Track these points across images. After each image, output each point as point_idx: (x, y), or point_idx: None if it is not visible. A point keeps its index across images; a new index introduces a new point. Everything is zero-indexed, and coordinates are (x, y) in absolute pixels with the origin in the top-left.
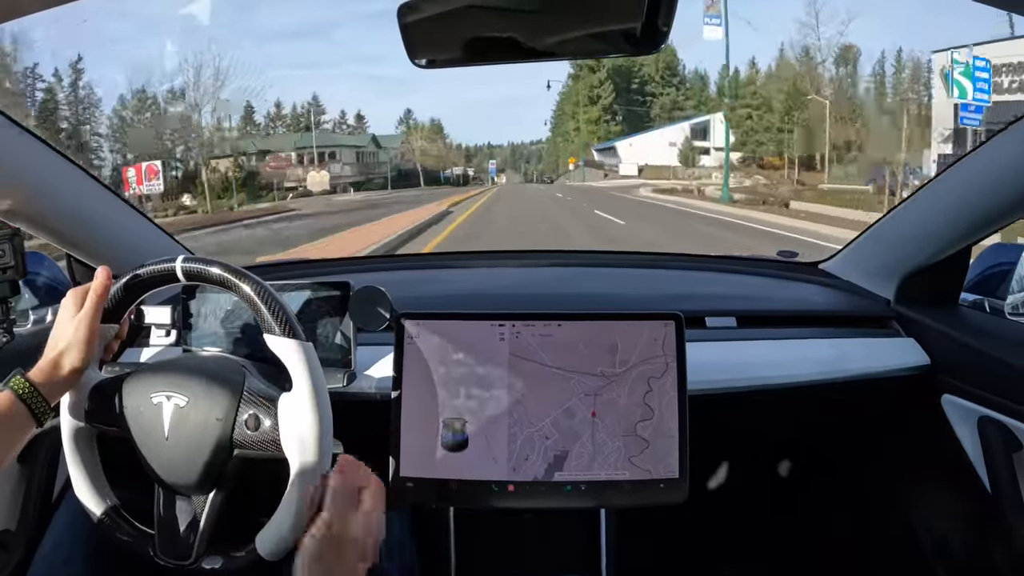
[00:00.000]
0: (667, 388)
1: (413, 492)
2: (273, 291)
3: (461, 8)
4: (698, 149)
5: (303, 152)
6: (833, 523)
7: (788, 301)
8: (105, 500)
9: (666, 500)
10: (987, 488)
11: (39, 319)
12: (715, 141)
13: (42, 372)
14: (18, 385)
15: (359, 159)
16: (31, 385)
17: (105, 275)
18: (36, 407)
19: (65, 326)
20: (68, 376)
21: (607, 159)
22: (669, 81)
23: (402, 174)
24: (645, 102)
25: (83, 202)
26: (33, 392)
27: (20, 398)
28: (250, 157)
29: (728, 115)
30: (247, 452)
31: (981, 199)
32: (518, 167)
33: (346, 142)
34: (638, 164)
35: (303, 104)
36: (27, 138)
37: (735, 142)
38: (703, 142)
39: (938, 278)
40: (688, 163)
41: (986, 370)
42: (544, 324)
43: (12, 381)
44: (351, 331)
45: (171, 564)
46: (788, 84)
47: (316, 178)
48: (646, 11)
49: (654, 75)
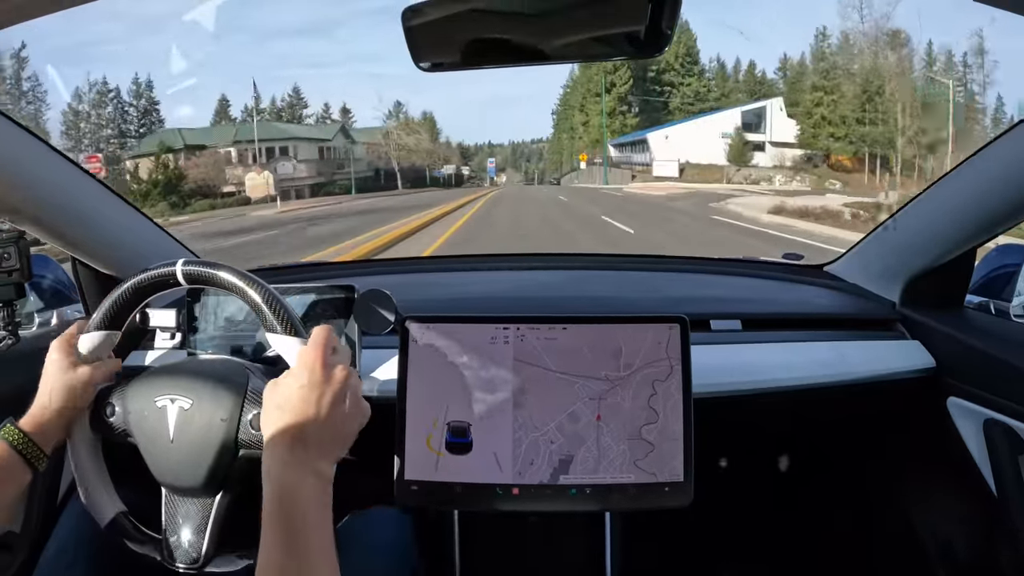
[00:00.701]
0: (672, 391)
1: (417, 495)
2: (277, 293)
3: (465, 12)
4: (751, 144)
5: (245, 148)
6: (838, 525)
7: (793, 304)
8: (113, 506)
9: (671, 503)
10: (993, 491)
11: (44, 322)
12: (773, 133)
13: (34, 419)
14: (10, 434)
15: (323, 156)
16: (23, 434)
17: (76, 328)
18: (30, 455)
19: (53, 374)
20: (60, 423)
21: (633, 156)
22: (690, 70)
23: (380, 174)
24: (663, 92)
25: (87, 204)
26: (26, 441)
27: (14, 447)
28: (178, 155)
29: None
30: (252, 452)
31: (986, 201)
32: (519, 166)
33: (303, 134)
34: (679, 162)
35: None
36: (31, 140)
37: (801, 135)
38: (756, 134)
39: (943, 280)
40: (739, 160)
41: (992, 372)
42: (549, 327)
43: (4, 430)
44: (356, 334)
45: (180, 568)
46: (871, 64)
47: (255, 181)
48: (650, 14)
49: (673, 63)
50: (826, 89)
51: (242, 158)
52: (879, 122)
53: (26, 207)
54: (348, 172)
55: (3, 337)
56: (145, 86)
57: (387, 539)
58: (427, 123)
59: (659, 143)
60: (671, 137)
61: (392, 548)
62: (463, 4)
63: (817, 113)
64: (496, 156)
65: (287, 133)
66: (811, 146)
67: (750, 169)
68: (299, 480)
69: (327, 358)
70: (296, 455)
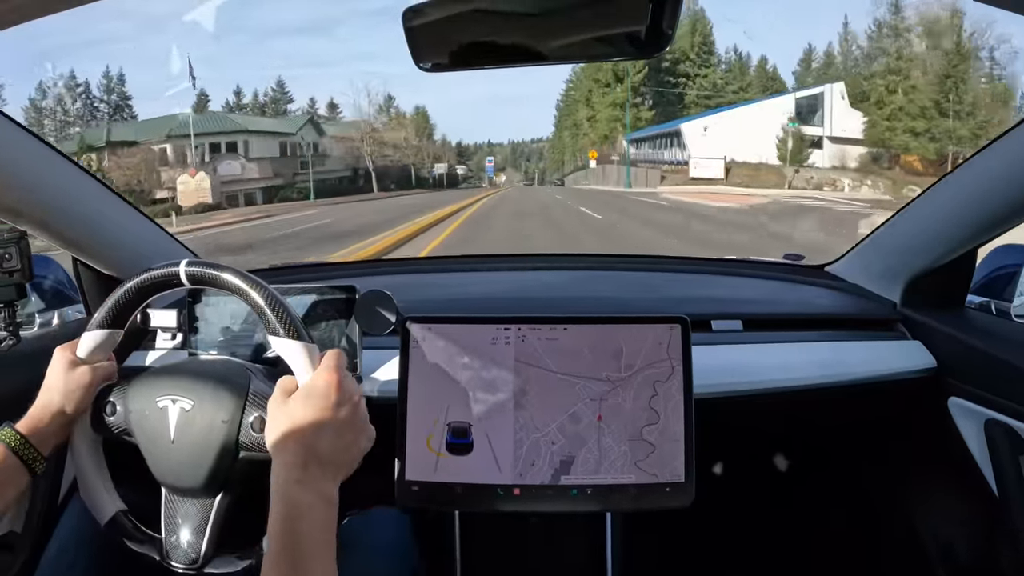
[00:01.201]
0: (673, 392)
1: (418, 495)
2: (278, 295)
3: (466, 12)
4: (807, 140)
5: (182, 144)
6: (839, 525)
7: (794, 304)
8: (113, 505)
9: (672, 504)
10: (994, 491)
11: (45, 322)
12: (832, 127)
13: (33, 421)
14: (8, 437)
15: (286, 153)
16: (21, 437)
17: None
18: (28, 458)
19: (55, 378)
20: (59, 427)
21: (659, 152)
22: (706, 60)
23: (358, 174)
24: (678, 84)
25: (88, 205)
26: (24, 443)
27: (12, 450)
28: (101, 154)
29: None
30: (253, 454)
31: (988, 201)
32: (519, 165)
33: (259, 127)
34: (724, 160)
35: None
36: (32, 141)
37: (870, 130)
38: (812, 127)
39: (944, 280)
40: (795, 159)
41: (993, 372)
42: (550, 328)
43: (2, 433)
44: (357, 335)
45: (178, 568)
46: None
47: (187, 185)
48: (650, 15)
49: (688, 52)
50: (901, 73)
51: (179, 156)
52: (964, 116)
53: (28, 208)
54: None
55: (4, 338)
56: (117, 80)
57: (388, 540)
58: (419, 118)
59: (695, 136)
60: (711, 129)
61: (393, 549)
62: (464, 5)
63: (892, 103)
64: (496, 155)
65: (239, 126)
66: (884, 143)
67: (811, 171)
68: (310, 501)
69: (343, 383)
70: (309, 474)
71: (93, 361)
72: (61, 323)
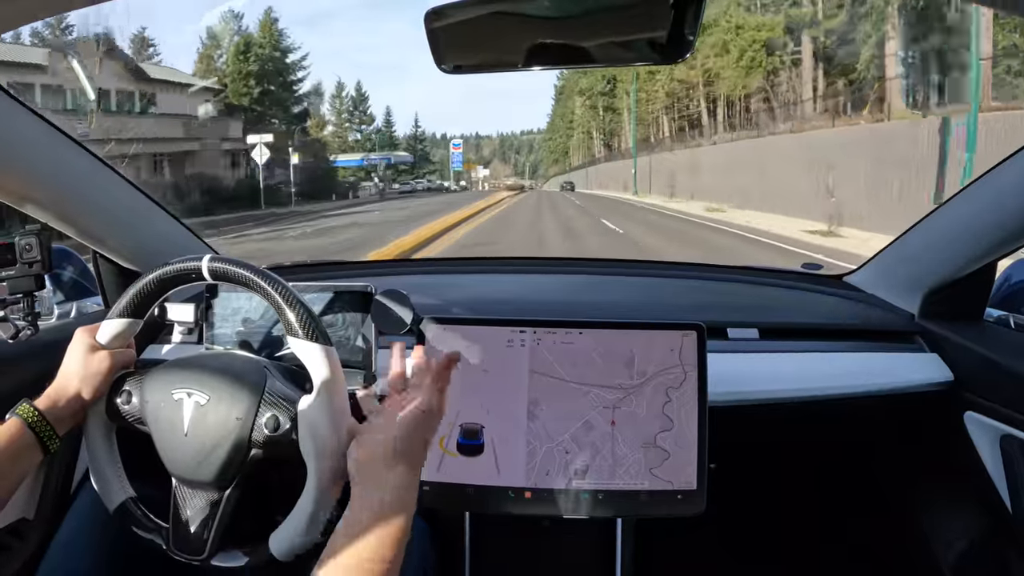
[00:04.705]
0: (686, 399)
1: (429, 496)
2: (297, 294)
3: (487, 15)
4: None
5: None
6: (850, 537)
7: (811, 314)
8: (122, 491)
9: (683, 512)
10: (1008, 507)
11: (64, 313)
12: None
13: (50, 401)
14: (26, 413)
15: None
16: (38, 412)
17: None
18: (44, 435)
19: (75, 361)
20: (76, 409)
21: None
22: None
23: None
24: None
25: (110, 199)
26: (41, 420)
27: (29, 426)
28: None
29: None
30: (264, 452)
31: (1007, 213)
32: (508, 158)
33: None
34: None
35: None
36: (56, 135)
37: None
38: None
39: (963, 293)
40: None
41: (1010, 388)
42: (565, 332)
43: (20, 408)
44: (372, 334)
45: (184, 559)
46: None
47: None
48: (672, 20)
49: None
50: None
51: None
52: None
53: (51, 201)
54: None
55: (23, 328)
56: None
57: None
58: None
59: None
60: None
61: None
62: (485, 7)
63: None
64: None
65: None
66: None
67: None
68: (409, 504)
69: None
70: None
71: (112, 348)
72: (79, 315)
